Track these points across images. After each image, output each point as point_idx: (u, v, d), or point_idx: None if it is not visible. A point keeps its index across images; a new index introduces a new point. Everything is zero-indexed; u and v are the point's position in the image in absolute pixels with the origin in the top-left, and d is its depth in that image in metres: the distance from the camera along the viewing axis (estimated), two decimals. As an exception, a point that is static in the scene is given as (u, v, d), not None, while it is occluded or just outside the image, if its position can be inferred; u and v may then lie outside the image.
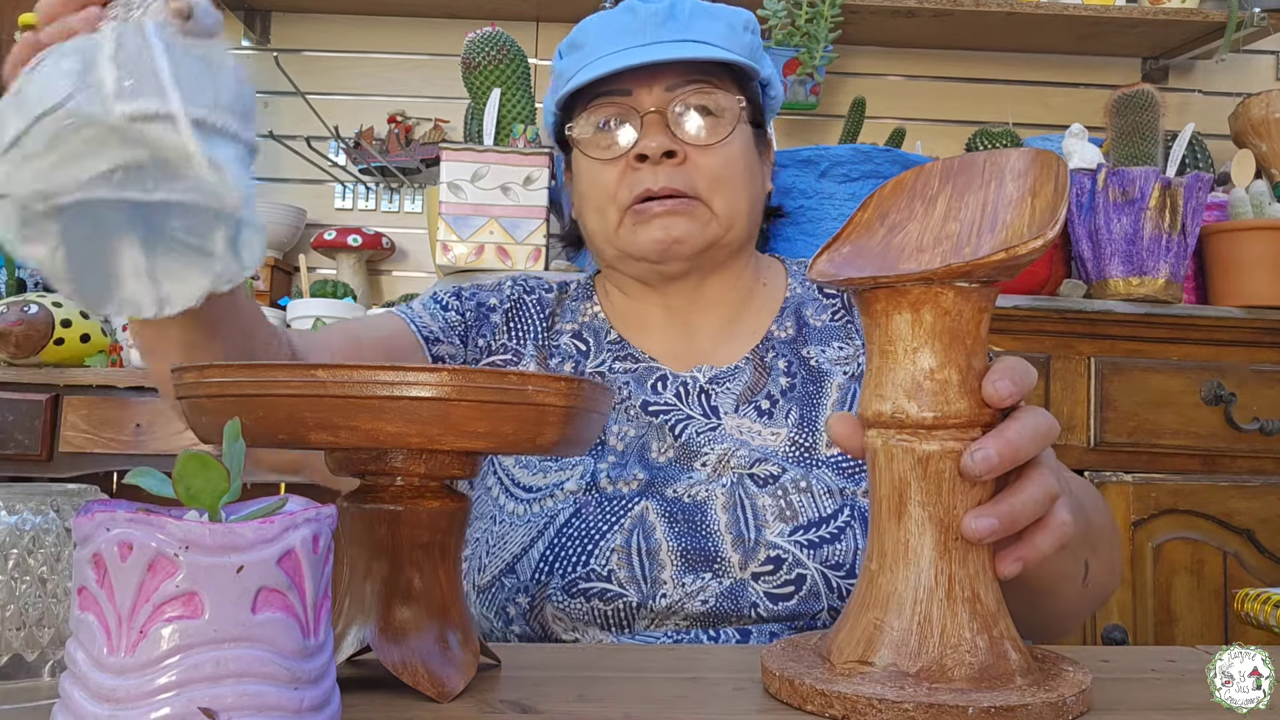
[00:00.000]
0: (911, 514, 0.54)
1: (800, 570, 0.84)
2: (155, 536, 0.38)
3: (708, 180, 0.95)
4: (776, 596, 0.83)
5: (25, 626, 0.53)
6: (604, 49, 0.97)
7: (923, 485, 0.53)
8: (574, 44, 1.01)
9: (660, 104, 0.95)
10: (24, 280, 2.17)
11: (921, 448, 0.53)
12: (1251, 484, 1.77)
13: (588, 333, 1.02)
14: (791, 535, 0.85)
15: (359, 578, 0.56)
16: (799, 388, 0.96)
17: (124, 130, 0.54)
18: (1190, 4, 2.22)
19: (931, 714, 0.49)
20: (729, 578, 0.84)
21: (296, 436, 0.50)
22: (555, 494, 0.90)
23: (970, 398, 0.54)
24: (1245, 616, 1.05)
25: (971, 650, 0.52)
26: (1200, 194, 1.77)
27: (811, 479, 0.88)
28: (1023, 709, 0.49)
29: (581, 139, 0.99)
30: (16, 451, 1.82)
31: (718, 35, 0.98)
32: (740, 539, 0.85)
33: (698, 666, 0.64)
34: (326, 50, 2.45)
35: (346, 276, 2.21)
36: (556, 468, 0.92)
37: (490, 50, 1.82)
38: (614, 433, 0.93)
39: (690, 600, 0.83)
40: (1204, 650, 0.70)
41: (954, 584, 0.53)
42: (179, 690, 0.38)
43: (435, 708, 0.53)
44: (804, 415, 0.94)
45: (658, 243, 0.94)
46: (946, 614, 0.53)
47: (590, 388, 0.55)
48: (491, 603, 0.87)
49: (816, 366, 0.97)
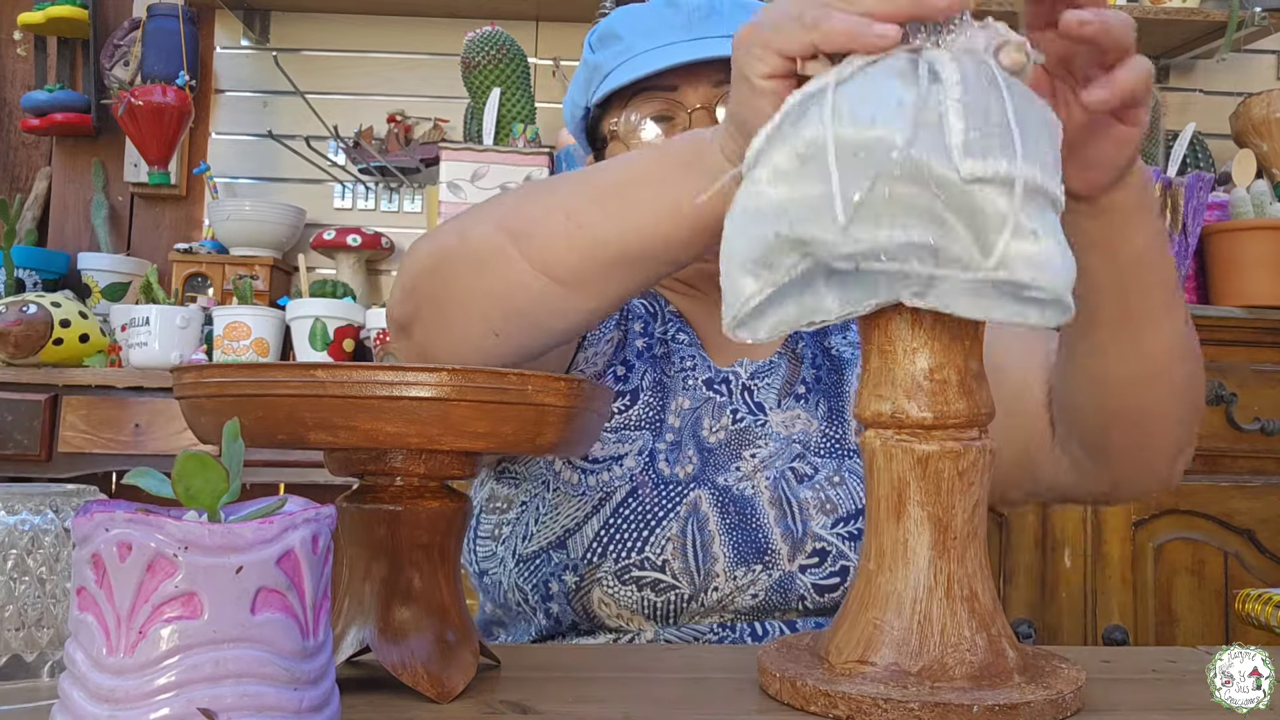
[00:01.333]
0: (910, 513, 0.54)
1: (844, 562, 0.85)
2: (154, 537, 0.38)
3: None
4: (823, 588, 0.85)
5: (24, 627, 0.53)
6: (646, 43, 0.94)
7: (922, 485, 0.53)
8: (609, 35, 0.97)
9: (707, 100, 0.92)
10: (23, 280, 2.18)
11: (921, 448, 0.53)
12: (1252, 484, 1.77)
13: (648, 298, 1.00)
14: (834, 527, 0.86)
15: (359, 578, 0.56)
16: (825, 379, 0.96)
17: (959, 192, 0.44)
18: (1191, 4, 2.22)
19: (937, 713, 0.49)
20: (778, 569, 0.84)
21: (296, 436, 0.50)
22: (614, 468, 0.88)
23: (968, 398, 0.54)
24: (1246, 617, 1.05)
25: (971, 649, 0.52)
26: (1201, 194, 1.77)
27: (844, 471, 0.89)
28: (1025, 706, 0.50)
29: (625, 134, 0.95)
30: (15, 452, 1.82)
31: None
32: (789, 532, 0.85)
33: (698, 666, 0.64)
34: (326, 50, 2.44)
35: (346, 276, 2.20)
36: (615, 439, 0.90)
37: (490, 50, 1.83)
38: (671, 408, 0.92)
39: (740, 594, 0.84)
40: (1204, 650, 0.69)
41: (953, 583, 0.53)
42: (178, 691, 0.38)
43: (435, 708, 0.53)
44: (831, 407, 0.94)
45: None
46: (946, 613, 0.53)
47: (590, 388, 0.55)
48: (533, 575, 0.85)
49: (838, 355, 0.97)
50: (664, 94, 0.94)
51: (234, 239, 2.21)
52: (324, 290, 2.01)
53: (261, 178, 2.44)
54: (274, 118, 2.41)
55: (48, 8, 2.33)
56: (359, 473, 0.56)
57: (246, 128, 2.44)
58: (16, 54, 2.51)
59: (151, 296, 1.92)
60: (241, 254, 2.20)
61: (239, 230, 2.19)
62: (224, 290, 2.13)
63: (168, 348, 1.88)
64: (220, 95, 2.45)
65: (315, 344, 1.91)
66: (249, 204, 2.22)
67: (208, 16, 2.43)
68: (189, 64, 2.20)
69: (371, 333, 1.94)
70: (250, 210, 2.20)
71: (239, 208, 2.20)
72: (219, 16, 2.44)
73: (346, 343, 1.95)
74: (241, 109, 2.45)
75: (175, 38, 2.20)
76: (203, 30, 2.40)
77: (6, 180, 2.49)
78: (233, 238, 2.21)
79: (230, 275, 2.14)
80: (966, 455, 0.53)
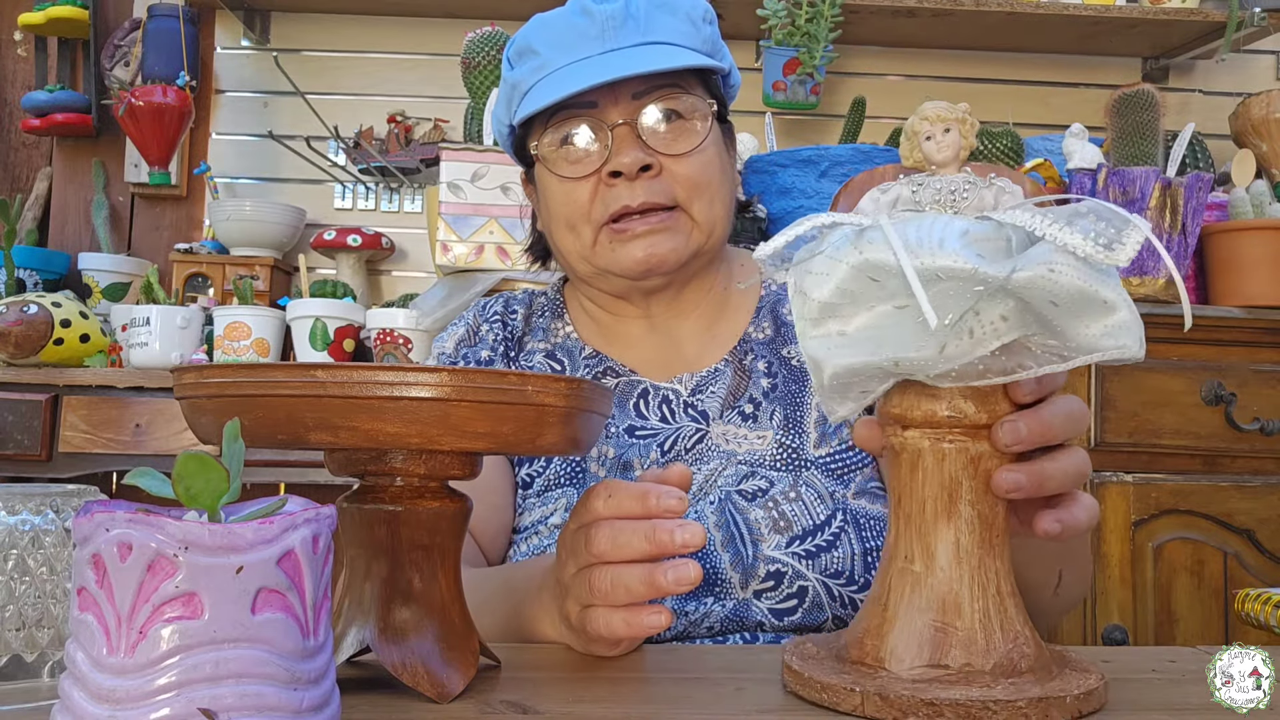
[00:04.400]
0: (963, 513, 0.54)
1: (801, 583, 0.83)
2: (155, 537, 0.38)
3: (686, 188, 0.90)
4: (780, 612, 0.82)
5: (25, 627, 0.53)
6: (561, 58, 0.90)
7: (973, 485, 0.54)
8: (526, 50, 0.93)
9: (628, 114, 0.90)
10: (23, 280, 2.18)
11: (975, 448, 0.54)
12: (1252, 484, 1.77)
13: (561, 353, 0.99)
14: (788, 547, 0.83)
15: (359, 578, 0.56)
16: (781, 387, 0.94)
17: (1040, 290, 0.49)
18: (1190, 4, 2.22)
19: (1040, 708, 0.50)
20: (731, 599, 0.82)
21: (296, 437, 0.50)
22: (540, 530, 0.89)
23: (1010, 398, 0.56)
24: (1245, 616, 1.05)
25: (1027, 643, 0.54)
26: (1200, 194, 1.77)
27: (801, 485, 0.87)
28: (1096, 692, 0.53)
29: (548, 157, 0.92)
30: (16, 451, 1.82)
31: (679, 33, 0.92)
32: (738, 557, 0.83)
33: (698, 667, 0.64)
34: (326, 50, 2.44)
35: (346, 276, 2.20)
36: (538, 503, 0.91)
37: (490, 50, 1.83)
38: (593, 457, 0.91)
39: (694, 628, 0.82)
40: (1204, 650, 0.69)
41: (1000, 579, 0.55)
42: (179, 691, 0.38)
43: (435, 708, 0.53)
44: (788, 415, 0.92)
45: (640, 262, 0.90)
46: (1001, 610, 0.54)
47: (590, 388, 0.55)
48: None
49: (798, 366, 0.95)
50: (583, 110, 0.91)
51: (234, 239, 2.21)
52: (324, 290, 2.01)
53: (262, 178, 2.44)
54: (274, 118, 2.41)
55: (48, 8, 2.33)
56: (359, 473, 0.56)
57: (247, 128, 2.44)
58: (17, 54, 2.51)
59: (152, 297, 1.92)
60: (242, 254, 2.20)
61: (239, 230, 2.19)
62: (224, 290, 2.13)
63: (168, 348, 1.88)
64: (220, 95, 2.45)
65: (315, 344, 1.91)
66: (249, 204, 2.22)
67: (208, 17, 2.43)
68: (189, 64, 2.20)
69: (371, 333, 1.94)
70: (250, 210, 2.20)
71: (239, 208, 2.20)
72: (219, 17, 2.44)
73: (347, 343, 1.95)
74: (242, 109, 2.45)
75: (175, 38, 2.20)
76: (203, 30, 2.40)
77: (7, 180, 2.49)
78: (233, 238, 2.21)
79: (230, 275, 2.14)
80: (1008, 454, 0.55)
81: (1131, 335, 0.50)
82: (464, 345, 1.01)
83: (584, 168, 0.91)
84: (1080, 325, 0.49)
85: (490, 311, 1.04)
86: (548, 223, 0.97)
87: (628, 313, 0.98)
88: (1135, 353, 0.50)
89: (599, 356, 0.98)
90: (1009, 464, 0.55)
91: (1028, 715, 0.50)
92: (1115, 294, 0.49)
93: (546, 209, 0.96)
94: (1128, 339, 0.50)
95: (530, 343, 1.01)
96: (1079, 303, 0.48)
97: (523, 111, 0.92)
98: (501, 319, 1.03)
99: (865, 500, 0.88)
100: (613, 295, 0.97)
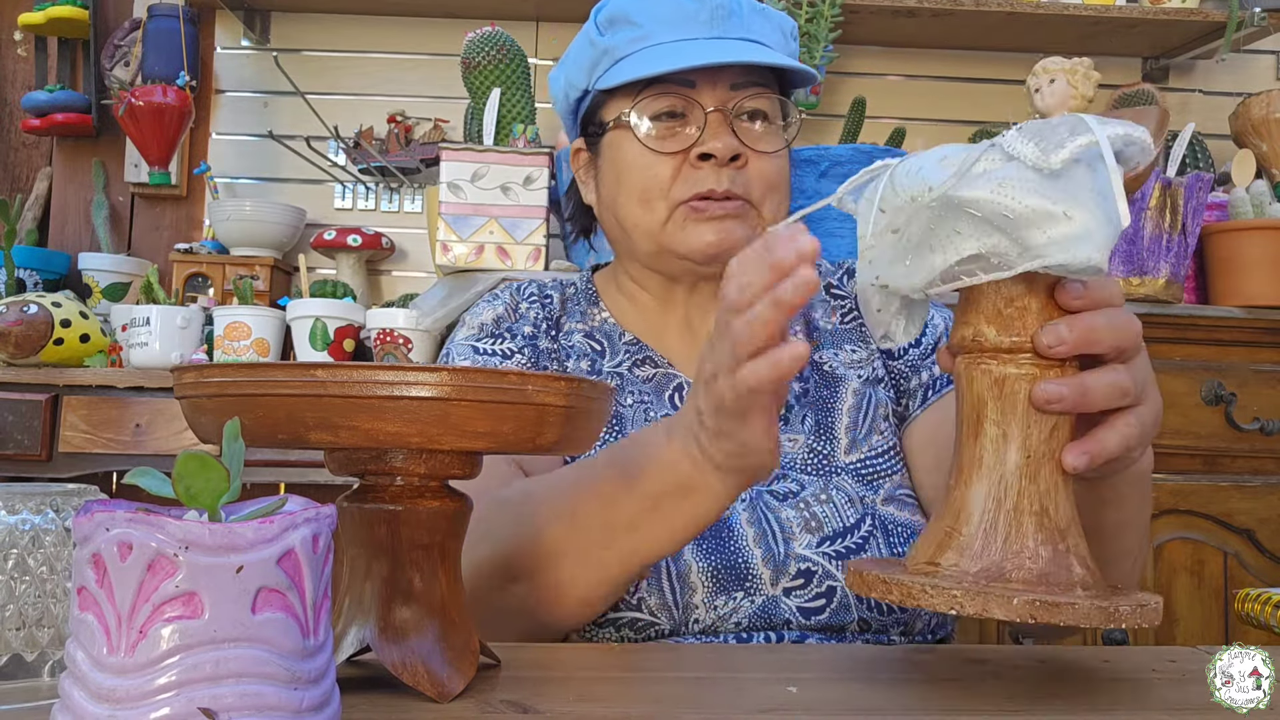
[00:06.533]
0: (987, 431, 0.56)
1: (830, 582, 0.83)
2: (155, 536, 0.38)
3: (762, 186, 0.92)
4: (809, 610, 0.83)
5: (25, 626, 0.53)
6: (666, 34, 0.91)
7: (998, 405, 0.56)
8: (622, 18, 0.93)
9: (723, 102, 0.91)
10: (23, 280, 2.18)
11: (998, 370, 0.56)
12: (1252, 484, 1.77)
13: (600, 335, 0.98)
14: (819, 547, 0.84)
15: (359, 578, 0.56)
16: (813, 392, 0.94)
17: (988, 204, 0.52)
18: (1190, 4, 2.22)
19: (978, 602, 0.51)
20: (760, 595, 0.82)
21: (296, 436, 0.50)
22: None
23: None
24: (1245, 617, 1.05)
25: (1033, 558, 0.54)
26: (1200, 194, 1.77)
27: (831, 489, 0.87)
28: (1069, 606, 0.51)
29: (638, 127, 0.92)
30: (16, 451, 1.82)
31: (773, 38, 0.95)
32: (770, 554, 0.83)
33: (697, 666, 0.64)
34: (326, 50, 2.44)
35: (346, 276, 2.20)
36: None
37: (490, 50, 1.82)
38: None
39: (723, 623, 0.82)
40: (1204, 650, 0.69)
41: (1023, 498, 0.55)
42: (179, 690, 0.38)
43: (435, 708, 0.53)
44: (820, 421, 0.92)
45: (710, 245, 0.90)
46: (1012, 524, 0.55)
47: (590, 387, 0.55)
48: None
49: (830, 371, 0.95)
50: (681, 89, 0.91)
51: (234, 239, 2.21)
52: (324, 290, 2.01)
53: (262, 178, 2.44)
54: (274, 118, 2.41)
55: (48, 8, 2.33)
56: (359, 472, 0.56)
57: (247, 128, 2.44)
58: (17, 54, 2.51)
59: (152, 296, 1.92)
60: (242, 254, 2.20)
61: (239, 230, 2.19)
62: (224, 290, 2.13)
63: (168, 348, 1.88)
64: (220, 95, 2.45)
65: (315, 344, 1.91)
66: (249, 204, 2.22)
67: (208, 17, 2.43)
68: (189, 64, 2.20)
69: (371, 333, 1.94)
70: (250, 210, 2.20)
71: (239, 208, 2.20)
72: (219, 17, 2.44)
73: (347, 343, 1.95)
74: (242, 109, 2.45)
75: (175, 38, 2.20)
76: (203, 30, 2.40)
77: (7, 180, 2.49)
78: (233, 238, 2.21)
79: (230, 275, 2.14)
80: (1045, 379, 0.55)
81: (1090, 244, 0.51)
82: (505, 321, 0.99)
83: (676, 145, 0.91)
84: (1033, 234, 0.52)
85: (526, 292, 1.02)
86: (613, 195, 0.96)
87: (672, 299, 0.98)
88: (1092, 259, 0.51)
89: (639, 344, 0.97)
90: (1047, 384, 0.55)
91: (960, 602, 0.51)
92: (1068, 204, 0.51)
93: (616, 180, 0.95)
94: (1084, 248, 0.51)
95: (568, 324, 1.00)
96: (1030, 214, 0.51)
97: (615, 78, 0.92)
98: (538, 300, 1.02)
99: (894, 507, 0.89)
100: (665, 277, 0.96)
